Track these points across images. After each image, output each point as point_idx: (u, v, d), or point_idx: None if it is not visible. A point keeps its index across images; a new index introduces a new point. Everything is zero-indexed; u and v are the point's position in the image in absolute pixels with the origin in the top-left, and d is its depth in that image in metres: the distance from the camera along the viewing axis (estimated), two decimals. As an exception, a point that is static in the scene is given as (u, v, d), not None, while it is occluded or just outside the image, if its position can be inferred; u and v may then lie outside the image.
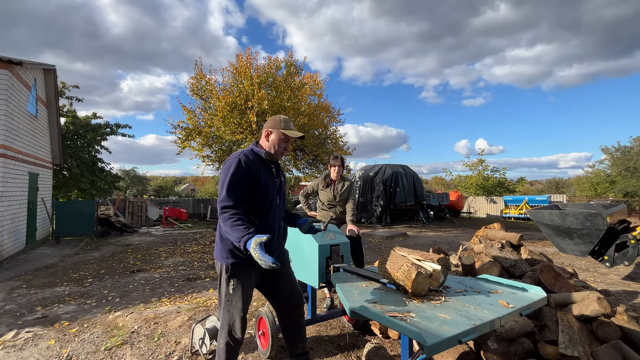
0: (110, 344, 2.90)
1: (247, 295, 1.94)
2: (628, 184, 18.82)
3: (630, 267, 5.54)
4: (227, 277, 1.90)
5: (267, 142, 2.04)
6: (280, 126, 2.01)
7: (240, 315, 1.91)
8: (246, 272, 1.93)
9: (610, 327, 2.14)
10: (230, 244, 1.88)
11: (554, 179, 38.17)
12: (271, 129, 2.03)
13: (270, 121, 2.06)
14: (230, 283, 1.90)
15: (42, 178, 9.80)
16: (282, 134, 2.01)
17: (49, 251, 8.23)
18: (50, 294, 4.57)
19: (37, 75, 9.38)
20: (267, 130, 2.03)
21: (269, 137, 2.04)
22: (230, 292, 1.90)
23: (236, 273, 1.91)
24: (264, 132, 2.05)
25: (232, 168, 1.84)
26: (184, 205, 18.28)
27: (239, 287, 1.91)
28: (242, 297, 1.91)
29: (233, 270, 1.90)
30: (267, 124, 2.05)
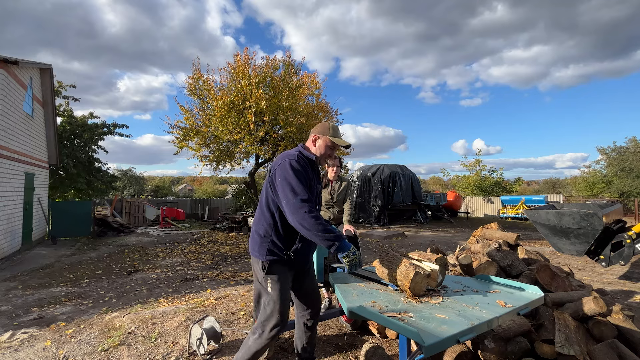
0: (107, 344, 2.89)
1: (285, 293, 1.93)
2: (624, 184, 18.96)
3: (626, 266, 5.58)
4: (265, 275, 1.89)
5: (314, 147, 2.04)
6: (329, 133, 2.02)
7: (279, 310, 1.88)
8: (283, 269, 1.93)
9: (606, 326, 2.16)
10: (271, 242, 1.88)
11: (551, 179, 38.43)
12: (319, 134, 2.03)
13: (319, 127, 2.05)
14: (268, 281, 1.89)
15: (38, 178, 9.73)
16: (330, 140, 2.01)
17: (45, 251, 8.17)
18: (47, 294, 4.54)
19: (33, 74, 9.31)
20: (315, 135, 2.03)
21: (316, 142, 2.04)
22: (269, 290, 1.89)
23: (274, 271, 1.90)
24: (311, 137, 2.05)
25: (293, 165, 1.83)
26: (181, 206, 18.22)
27: (277, 285, 1.89)
28: (280, 295, 1.90)
29: (270, 268, 1.89)
30: (316, 129, 2.05)
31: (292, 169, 1.82)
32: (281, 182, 1.82)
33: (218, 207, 18.63)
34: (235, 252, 7.88)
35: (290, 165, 1.83)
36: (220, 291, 4.49)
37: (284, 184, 1.81)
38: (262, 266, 1.89)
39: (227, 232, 11.75)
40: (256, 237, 1.96)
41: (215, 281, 5.11)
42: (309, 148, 2.06)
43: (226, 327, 3.18)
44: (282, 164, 1.87)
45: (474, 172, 25.24)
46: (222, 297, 4.21)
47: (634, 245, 4.27)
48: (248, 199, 14.03)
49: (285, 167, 1.84)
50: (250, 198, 13.81)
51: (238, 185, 18.08)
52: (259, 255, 1.91)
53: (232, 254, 7.55)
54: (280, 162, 1.90)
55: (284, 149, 11.83)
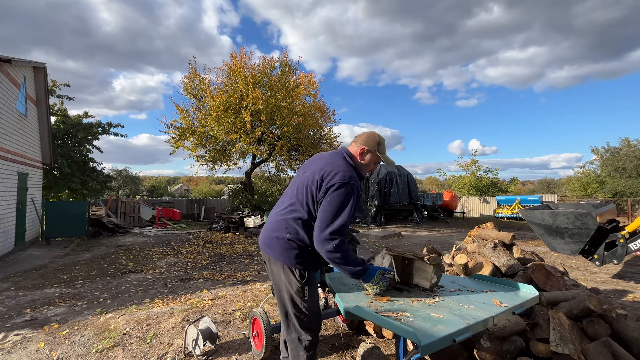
0: (102, 346, 2.86)
1: (317, 295, 1.92)
2: (617, 184, 19.17)
3: (619, 265, 5.64)
4: (303, 284, 1.82)
5: (360, 160, 1.93)
6: (378, 149, 1.93)
7: (318, 316, 1.88)
8: (314, 275, 1.91)
9: (600, 324, 2.18)
10: (309, 251, 1.81)
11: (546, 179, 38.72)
12: (370, 148, 1.92)
13: (370, 139, 1.94)
14: (305, 289, 1.82)
15: (31, 178, 9.62)
16: (379, 158, 1.95)
17: (39, 252, 8.08)
18: (40, 295, 4.49)
19: (26, 73, 9.21)
20: (364, 148, 1.92)
21: (364, 155, 1.93)
22: (307, 298, 1.83)
23: (310, 278, 1.85)
24: (358, 147, 1.94)
25: (354, 195, 1.73)
26: (177, 206, 18.12)
27: (313, 292, 1.86)
28: (316, 299, 1.88)
29: (309, 275, 1.84)
30: (366, 141, 1.94)
31: (352, 197, 1.71)
32: (331, 205, 1.70)
33: (214, 207, 18.56)
34: (231, 252, 7.85)
35: (353, 192, 1.72)
36: (216, 292, 4.47)
37: (331, 207, 1.69)
38: (301, 275, 1.81)
39: (223, 232, 11.71)
40: (289, 244, 1.81)
41: (212, 282, 5.09)
42: (354, 157, 1.94)
43: (222, 327, 3.17)
44: (345, 185, 1.72)
45: (469, 172, 25.40)
46: (218, 297, 4.19)
47: (627, 245, 4.32)
48: (244, 199, 13.99)
49: (347, 193, 1.71)
50: (247, 198, 13.77)
51: (234, 185, 18.02)
52: (296, 264, 1.80)
53: (229, 255, 7.52)
54: (341, 181, 1.72)
55: (281, 149, 11.82)
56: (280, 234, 1.84)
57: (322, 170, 1.80)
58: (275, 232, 1.87)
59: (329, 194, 1.72)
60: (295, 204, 1.84)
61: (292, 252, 1.80)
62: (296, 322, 1.82)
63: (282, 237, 1.83)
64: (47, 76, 10.31)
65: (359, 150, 1.93)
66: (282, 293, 1.86)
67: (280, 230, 1.85)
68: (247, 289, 4.59)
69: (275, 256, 1.85)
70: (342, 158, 1.90)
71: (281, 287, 1.86)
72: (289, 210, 1.86)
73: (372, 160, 1.93)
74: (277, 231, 1.87)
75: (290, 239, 1.81)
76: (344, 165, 1.84)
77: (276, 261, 1.85)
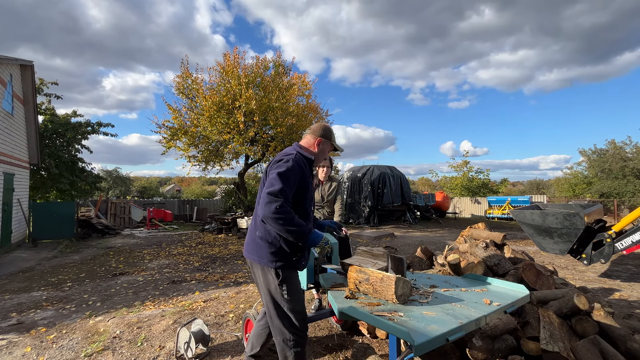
0: (91, 350, 2.80)
1: (301, 295, 1.89)
2: (604, 185, 19.61)
3: (606, 264, 5.77)
4: (279, 282, 1.81)
5: (316, 150, 2.02)
6: (332, 138, 2.06)
7: (302, 315, 1.84)
8: (294, 274, 1.89)
9: (589, 322, 2.22)
10: (279, 247, 1.81)
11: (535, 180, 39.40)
12: (324, 138, 2.02)
13: (321, 129, 2.04)
14: (283, 288, 1.81)
15: (18, 178, 9.40)
16: (332, 146, 2.06)
17: (26, 254, 7.89)
18: (27, 299, 4.38)
19: (13, 71, 9.00)
20: (319, 139, 2.01)
21: (319, 145, 2.02)
22: (287, 297, 1.81)
23: (287, 276, 1.83)
24: (312, 138, 2.03)
25: (290, 165, 1.80)
26: (169, 207, 17.91)
27: (293, 290, 1.83)
28: (298, 298, 1.85)
29: (285, 273, 1.82)
30: (319, 132, 2.03)
31: (289, 166, 1.79)
32: (270, 177, 1.79)
33: (207, 208, 18.39)
34: (224, 253, 7.78)
35: (289, 163, 1.80)
36: (208, 293, 4.43)
37: (270, 178, 1.78)
38: (276, 274, 1.81)
39: (215, 233, 11.60)
40: (261, 243, 1.85)
41: (204, 283, 5.03)
42: (306, 148, 2.03)
43: (215, 329, 3.13)
44: (282, 160, 1.85)
45: (461, 173, 25.68)
46: (210, 299, 4.15)
47: (614, 244, 4.42)
48: (237, 200, 13.89)
49: (283, 164, 1.82)
50: (240, 199, 13.68)
51: (227, 186, 17.89)
52: (268, 262, 1.81)
53: (221, 256, 7.46)
54: (280, 158, 1.88)
55: (274, 149, 11.78)
56: (253, 234, 1.93)
57: (270, 163, 1.95)
58: (250, 233, 1.96)
59: (271, 171, 1.82)
60: (258, 201, 1.92)
61: (263, 251, 1.84)
62: (279, 322, 1.82)
63: (254, 237, 1.91)
64: (34, 74, 10.09)
65: (314, 141, 2.04)
66: (264, 295, 1.89)
67: (253, 230, 1.94)
68: (240, 290, 4.56)
69: (252, 257, 1.91)
70: (293, 149, 1.99)
71: (262, 288, 1.89)
72: (256, 209, 1.94)
73: (326, 150, 2.06)
74: (251, 232, 1.96)
75: (259, 236, 1.87)
76: (286, 150, 1.99)
77: (254, 262, 1.90)
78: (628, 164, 19.52)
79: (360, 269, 1.85)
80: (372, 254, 2.12)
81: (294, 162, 1.82)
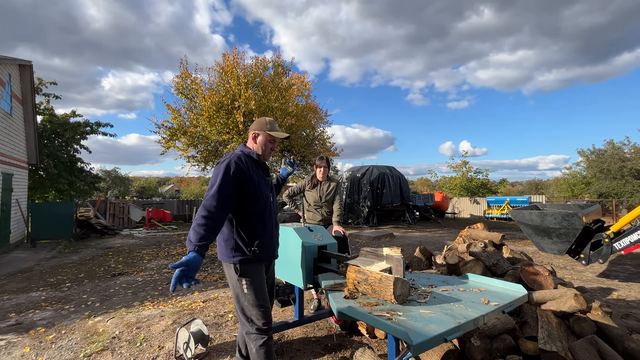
0: (90, 350, 2.80)
1: (262, 288, 1.89)
2: (602, 185, 19.65)
3: (605, 264, 5.79)
4: (238, 277, 1.85)
5: (255, 144, 2.08)
6: (266, 128, 2.06)
7: (261, 309, 1.84)
8: (256, 268, 1.90)
9: (586, 322, 2.23)
10: (234, 243, 1.87)
11: (534, 180, 39.45)
12: (258, 131, 2.07)
13: (256, 124, 2.10)
14: (242, 282, 1.85)
15: (16, 178, 9.38)
16: (269, 135, 2.07)
17: (24, 255, 7.87)
18: (25, 299, 4.37)
19: (11, 71, 8.99)
20: (254, 133, 2.08)
21: (256, 139, 2.08)
22: (245, 292, 1.85)
23: (247, 271, 1.86)
24: (250, 135, 2.10)
25: (222, 168, 1.83)
26: (168, 207, 17.88)
27: (252, 284, 1.85)
28: (257, 291, 1.86)
29: (243, 268, 1.86)
30: (254, 127, 2.10)
31: (223, 169, 1.82)
32: (210, 181, 1.87)
33: (206, 208, 18.35)
34: (223, 253, 7.78)
35: (224, 166, 1.83)
36: (208, 294, 4.43)
37: (210, 182, 1.85)
38: (235, 269, 1.86)
39: (215, 233, 11.60)
40: (220, 242, 1.94)
41: (203, 283, 5.03)
42: (249, 147, 2.10)
43: (214, 330, 3.14)
44: (218, 164, 1.90)
45: (460, 173, 25.73)
46: (209, 299, 4.15)
47: (612, 244, 4.43)
48: (237, 200, 13.87)
49: (216, 168, 1.88)
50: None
51: (226, 186, 17.85)
52: (227, 259, 1.88)
53: (220, 256, 7.46)
54: (218, 162, 1.93)
55: (273, 149, 11.77)
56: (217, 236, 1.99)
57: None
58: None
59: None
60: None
61: (224, 248, 1.91)
62: (242, 316, 1.87)
63: (217, 238, 1.96)
64: (33, 74, 10.08)
65: (251, 136, 2.09)
66: (231, 290, 1.96)
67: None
68: (239, 290, 4.56)
69: (219, 256, 1.98)
70: (237, 150, 2.05)
71: (229, 284, 1.96)
72: None
73: (265, 140, 2.06)
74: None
75: (219, 237, 1.94)
76: (233, 152, 2.02)
77: (222, 261, 1.96)
78: (626, 164, 19.58)
79: (359, 269, 1.86)
80: (376, 255, 2.13)
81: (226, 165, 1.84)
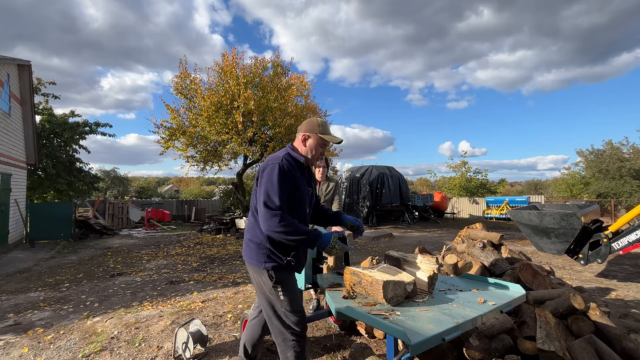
0: (88, 350, 2.80)
1: (297, 293, 1.86)
2: (601, 186, 19.70)
3: (603, 264, 5.80)
4: (274, 284, 1.79)
5: (304, 147, 1.93)
6: (319, 130, 1.91)
7: (299, 314, 1.82)
8: (289, 274, 1.87)
9: (585, 322, 2.23)
10: (268, 250, 1.79)
11: (533, 181, 39.51)
12: (309, 133, 1.91)
13: (307, 124, 1.94)
14: (278, 289, 1.79)
15: (15, 179, 9.36)
16: (320, 138, 1.91)
17: (23, 255, 7.86)
18: (24, 299, 4.37)
19: (10, 70, 8.97)
20: (304, 135, 1.92)
21: (306, 141, 1.93)
22: (282, 298, 1.79)
23: (281, 278, 1.81)
24: (300, 136, 1.94)
25: (277, 172, 1.74)
26: (167, 207, 17.88)
27: (288, 291, 1.81)
28: (293, 297, 1.82)
29: (278, 275, 1.80)
30: (304, 128, 1.94)
31: (276, 174, 1.73)
32: (260, 188, 1.76)
33: (205, 209, 18.36)
34: (222, 254, 7.77)
35: (275, 170, 1.74)
36: (207, 294, 4.43)
37: (262, 190, 1.75)
38: (270, 276, 1.79)
39: (214, 233, 11.59)
40: (252, 245, 1.86)
41: (202, 284, 5.03)
42: (297, 149, 1.96)
43: (213, 330, 3.14)
44: (268, 167, 1.79)
45: (459, 173, 25.77)
46: (208, 299, 4.15)
47: (610, 244, 4.44)
48: (236, 200, 13.88)
49: (269, 172, 1.76)
50: (238, 199, 13.67)
51: (225, 186, 17.87)
52: (259, 264, 1.81)
53: (220, 256, 7.45)
54: (265, 165, 1.81)
55: (272, 149, 11.77)
56: (246, 236, 1.95)
57: (259, 168, 1.90)
58: (244, 235, 1.98)
59: (261, 179, 1.79)
60: (252, 204, 1.92)
61: (255, 252, 1.84)
62: (278, 323, 1.81)
63: (246, 239, 1.93)
64: (31, 74, 10.07)
65: (301, 138, 1.94)
66: (260, 296, 1.88)
67: (246, 231, 1.96)
68: (238, 290, 4.56)
69: (246, 259, 1.92)
70: (283, 152, 1.92)
71: (258, 289, 1.88)
72: (251, 211, 1.94)
73: (316, 143, 1.92)
74: (245, 233, 1.98)
75: (250, 238, 1.90)
76: (276, 153, 1.91)
77: (248, 264, 1.91)
78: (625, 165, 19.63)
79: (354, 270, 1.85)
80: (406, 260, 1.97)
81: (279, 168, 1.76)
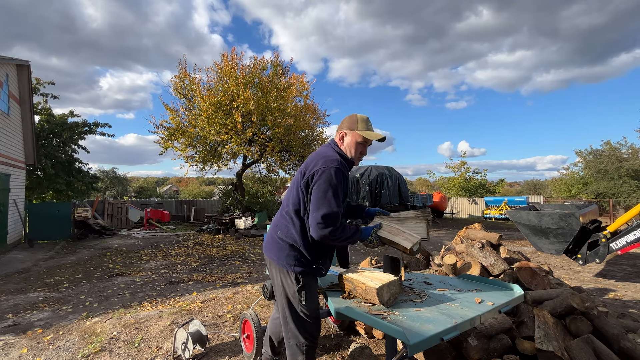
0: (88, 351, 2.80)
1: (317, 300, 1.84)
2: (599, 186, 19.75)
3: (601, 264, 5.82)
4: (299, 288, 1.75)
5: (342, 146, 1.83)
6: (357, 127, 1.78)
7: (317, 320, 1.82)
8: (314, 280, 1.85)
9: (583, 322, 2.24)
10: (299, 254, 1.75)
11: (532, 181, 39.59)
12: (347, 130, 1.80)
13: (347, 121, 1.83)
14: (302, 294, 1.76)
15: (14, 179, 9.34)
16: (360, 136, 1.78)
17: (22, 255, 7.84)
18: (23, 300, 4.36)
19: (9, 70, 8.95)
20: (342, 132, 1.82)
21: (343, 139, 1.82)
22: (304, 303, 1.76)
23: (307, 283, 1.78)
24: (338, 134, 1.85)
25: (336, 176, 1.65)
26: (166, 207, 17.87)
27: (311, 296, 1.79)
28: (314, 304, 1.80)
29: (305, 280, 1.77)
30: (343, 125, 1.83)
31: (335, 178, 1.64)
32: (317, 192, 1.65)
33: (204, 209, 18.35)
34: (222, 254, 7.77)
35: (335, 175, 1.64)
36: (206, 294, 4.43)
37: (319, 194, 1.64)
38: (297, 279, 1.75)
39: (213, 234, 11.59)
40: (282, 244, 1.79)
41: (201, 284, 5.03)
42: (338, 144, 1.85)
43: (212, 330, 3.14)
44: (325, 170, 1.66)
45: (459, 173, 25.79)
46: (208, 300, 4.15)
47: (609, 245, 4.46)
48: (235, 200, 13.88)
49: (329, 176, 1.64)
50: (238, 199, 13.66)
51: (225, 186, 17.86)
52: (288, 266, 1.75)
53: (219, 256, 7.45)
54: (322, 167, 1.68)
55: (272, 150, 11.78)
56: (275, 232, 1.85)
57: (307, 163, 1.79)
58: (272, 230, 1.89)
59: (313, 182, 1.68)
60: (289, 202, 1.83)
61: (284, 253, 1.78)
62: (294, 326, 1.78)
63: (276, 235, 1.83)
64: (30, 74, 10.05)
65: (339, 136, 1.85)
66: (279, 296, 1.83)
67: (275, 227, 1.87)
68: (238, 290, 4.56)
69: (271, 257, 1.84)
70: (328, 147, 1.86)
71: (278, 289, 1.83)
72: (283, 206, 1.88)
73: (354, 141, 1.80)
74: (273, 228, 1.89)
75: (280, 236, 1.81)
76: (326, 152, 1.80)
77: (272, 262, 1.83)
78: (623, 165, 19.69)
79: (349, 278, 1.86)
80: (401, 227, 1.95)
81: (340, 173, 1.67)
